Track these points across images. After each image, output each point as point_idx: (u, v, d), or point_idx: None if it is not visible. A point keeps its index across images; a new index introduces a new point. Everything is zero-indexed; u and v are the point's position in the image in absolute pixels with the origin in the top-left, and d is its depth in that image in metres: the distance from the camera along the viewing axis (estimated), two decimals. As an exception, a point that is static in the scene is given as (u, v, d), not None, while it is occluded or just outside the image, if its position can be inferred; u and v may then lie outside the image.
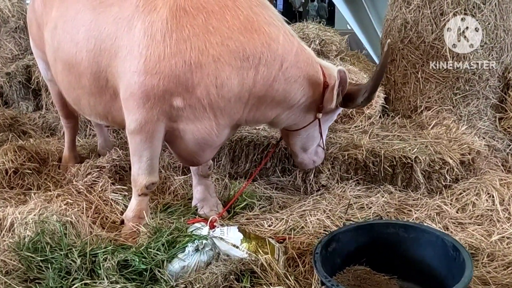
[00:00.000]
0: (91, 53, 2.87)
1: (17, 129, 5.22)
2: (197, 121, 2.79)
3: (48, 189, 3.86)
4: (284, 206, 3.57)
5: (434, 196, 3.55)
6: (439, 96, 4.38)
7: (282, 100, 2.89)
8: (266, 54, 2.70)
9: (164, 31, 2.60)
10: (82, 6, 2.99)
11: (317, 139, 3.32)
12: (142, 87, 2.66)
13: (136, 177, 3.01)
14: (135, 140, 2.87)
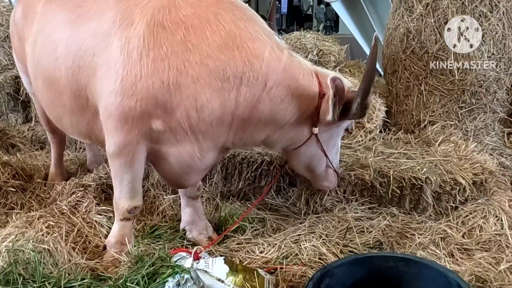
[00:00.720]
0: (69, 70, 2.70)
1: (5, 142, 5.05)
2: (179, 144, 2.60)
3: (31, 208, 3.73)
4: (278, 228, 3.36)
5: (439, 219, 3.33)
6: (444, 110, 4.16)
7: (270, 121, 2.66)
8: (248, 73, 2.48)
9: (140, 49, 2.42)
10: (60, 20, 2.83)
11: (322, 159, 2.98)
12: (119, 109, 2.48)
13: (118, 201, 2.82)
14: (114, 164, 2.69)
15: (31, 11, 3.18)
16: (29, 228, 3.26)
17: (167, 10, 2.47)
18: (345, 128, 2.98)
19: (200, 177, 3.02)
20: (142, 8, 2.51)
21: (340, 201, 3.44)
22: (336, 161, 3.10)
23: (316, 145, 2.86)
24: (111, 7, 2.61)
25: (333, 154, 3.01)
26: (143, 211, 3.61)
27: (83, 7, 2.75)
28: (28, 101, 5.33)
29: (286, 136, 2.79)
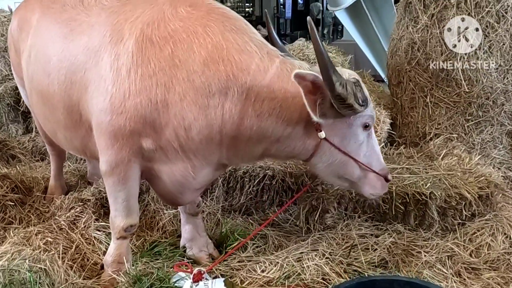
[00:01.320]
0: (62, 86, 2.65)
1: (5, 153, 5.01)
2: (171, 163, 2.54)
3: (30, 223, 3.67)
4: (280, 246, 3.28)
5: (446, 236, 3.25)
6: (450, 123, 4.07)
7: (261, 136, 2.47)
8: (233, 88, 2.36)
9: (129, 66, 2.36)
10: (54, 34, 2.78)
11: (349, 164, 2.57)
12: (109, 127, 2.43)
13: (114, 219, 2.77)
14: (108, 182, 2.64)
15: (26, 24, 3.13)
16: (27, 244, 3.22)
17: (156, 24, 2.41)
18: (363, 125, 2.52)
19: (196, 195, 2.94)
20: (131, 23, 2.45)
21: (342, 219, 3.35)
22: (376, 163, 2.64)
23: (332, 150, 2.51)
24: (102, 22, 2.56)
25: (364, 155, 2.58)
26: (142, 226, 3.55)
27: (76, 21, 2.70)
28: (29, 112, 5.27)
29: (287, 147, 2.54)
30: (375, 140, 2.64)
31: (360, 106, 2.33)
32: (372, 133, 2.61)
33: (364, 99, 2.37)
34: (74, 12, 2.75)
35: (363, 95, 2.37)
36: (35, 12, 3.09)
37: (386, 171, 2.70)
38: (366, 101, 2.39)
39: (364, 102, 2.35)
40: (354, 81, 2.37)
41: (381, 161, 2.68)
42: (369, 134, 2.58)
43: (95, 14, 2.63)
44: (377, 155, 2.65)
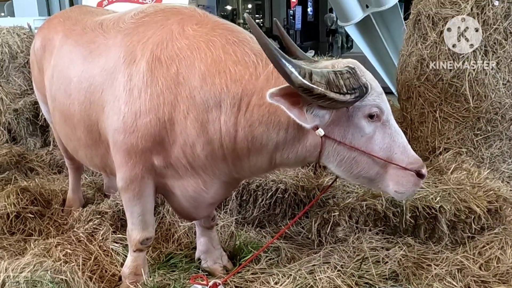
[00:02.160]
0: (82, 106, 2.76)
1: (24, 166, 5.15)
2: (182, 179, 2.61)
3: (49, 235, 3.78)
4: (292, 258, 3.35)
5: (456, 249, 3.30)
6: (459, 137, 4.13)
7: (259, 146, 2.38)
8: (225, 101, 2.34)
9: (140, 86, 2.45)
10: (75, 55, 2.89)
11: (362, 159, 2.29)
12: (123, 145, 2.53)
13: (130, 233, 2.88)
14: (124, 197, 2.75)
15: (49, 43, 3.25)
16: (47, 256, 3.32)
17: (165, 44, 2.47)
18: (367, 116, 2.23)
19: (210, 210, 3.00)
20: (143, 44, 2.53)
21: (353, 232, 3.41)
22: (400, 156, 2.28)
23: (337, 147, 2.28)
24: (118, 44, 2.64)
25: (380, 148, 2.26)
26: (158, 238, 3.63)
27: (95, 43, 2.79)
28: (47, 126, 5.43)
29: (290, 153, 2.38)
30: (396, 131, 2.30)
31: (342, 94, 2.06)
32: (390, 123, 2.28)
33: (356, 87, 2.11)
34: (93, 34, 2.85)
35: (353, 83, 2.12)
36: (58, 33, 3.20)
37: (417, 164, 2.29)
38: (357, 89, 2.12)
39: (352, 90, 2.09)
40: (339, 70, 2.14)
41: (409, 153, 2.30)
42: (384, 125, 2.26)
43: (112, 37, 2.72)
44: (401, 147, 2.28)
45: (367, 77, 2.21)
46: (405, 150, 2.30)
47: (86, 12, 3.34)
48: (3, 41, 5.47)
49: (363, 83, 2.15)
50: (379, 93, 2.24)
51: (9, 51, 5.50)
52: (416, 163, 2.30)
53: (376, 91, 2.23)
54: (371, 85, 2.20)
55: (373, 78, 2.29)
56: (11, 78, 5.62)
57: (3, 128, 5.51)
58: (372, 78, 2.26)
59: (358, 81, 2.14)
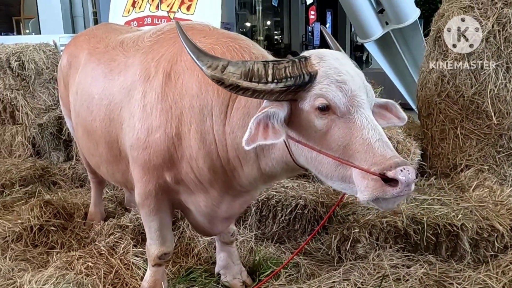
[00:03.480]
0: (103, 123, 2.81)
1: (47, 180, 5.26)
2: (194, 194, 2.61)
3: (71, 248, 3.83)
4: (312, 274, 3.34)
5: (479, 267, 3.25)
6: (481, 154, 4.09)
7: (243, 154, 2.30)
8: (216, 107, 2.32)
9: (152, 102, 2.47)
10: (97, 73, 2.95)
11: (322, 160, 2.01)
12: (137, 162, 2.56)
13: (149, 247, 2.90)
14: (141, 212, 2.79)
15: (75, 60, 3.34)
16: (69, 269, 3.37)
17: (175, 60, 2.50)
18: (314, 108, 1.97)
19: (226, 225, 2.99)
20: (157, 61, 2.57)
21: (373, 249, 3.39)
22: (364, 155, 1.88)
23: (298, 146, 2.08)
24: (136, 62, 2.69)
25: (339, 146, 1.95)
26: (178, 253, 3.65)
27: (115, 61, 2.85)
28: (70, 140, 5.53)
29: (273, 159, 2.25)
30: (362, 125, 1.93)
31: (262, 83, 1.93)
32: (355, 117, 1.95)
33: (291, 75, 1.95)
34: (114, 52, 2.92)
35: (291, 71, 1.96)
36: (84, 50, 3.28)
37: (381, 165, 1.83)
38: (293, 77, 1.95)
39: (281, 80, 1.94)
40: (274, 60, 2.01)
41: (376, 151, 1.87)
42: (343, 118, 1.95)
43: (131, 55, 2.77)
44: (365, 144, 1.90)
45: (324, 64, 1.99)
46: (371, 148, 1.89)
47: (111, 30, 3.42)
48: (30, 58, 5.62)
49: (307, 71, 1.96)
50: (338, 81, 1.95)
51: (35, 67, 5.65)
52: (381, 164, 1.83)
53: (331, 78, 1.95)
54: (325, 73, 1.96)
55: (340, 66, 2.01)
56: (36, 93, 5.76)
57: (28, 142, 5.65)
58: (334, 66, 1.99)
59: (300, 70, 1.96)
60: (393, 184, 1.81)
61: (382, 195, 1.84)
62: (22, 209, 4.23)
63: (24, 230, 3.92)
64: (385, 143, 1.91)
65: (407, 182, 1.80)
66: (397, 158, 1.85)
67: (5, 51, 5.63)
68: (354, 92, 1.96)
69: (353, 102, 1.95)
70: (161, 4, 5.45)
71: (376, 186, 1.84)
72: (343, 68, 2.01)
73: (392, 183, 1.81)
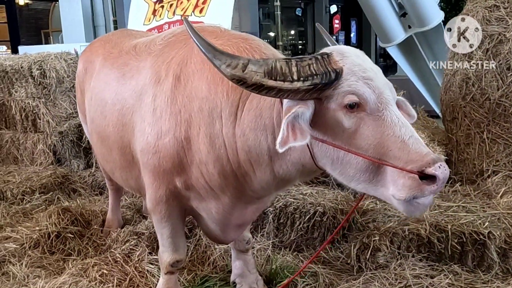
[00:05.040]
0: (115, 128, 2.77)
1: (67, 187, 5.28)
2: (205, 201, 2.53)
3: (87, 255, 3.81)
4: (330, 284, 3.22)
5: (508, 278, 3.08)
6: (509, 160, 3.90)
7: (256, 157, 2.21)
8: (225, 109, 2.23)
9: (162, 106, 2.41)
10: (110, 78, 2.92)
11: (350, 160, 1.92)
12: (147, 167, 2.50)
13: (161, 255, 2.83)
14: (153, 219, 2.73)
15: (91, 66, 3.32)
16: (84, 276, 3.34)
17: (185, 62, 2.44)
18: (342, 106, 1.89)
19: (239, 233, 2.90)
20: (167, 64, 2.52)
21: (395, 258, 3.25)
22: (398, 153, 1.82)
23: (323, 147, 1.99)
24: (148, 66, 2.64)
25: (370, 145, 1.88)
26: (194, 260, 3.59)
27: (128, 65, 2.81)
28: (90, 148, 5.54)
29: (287, 161, 2.16)
30: (393, 122, 1.87)
31: (288, 82, 1.84)
32: (385, 114, 1.89)
33: (317, 73, 1.86)
34: (127, 57, 2.88)
35: (316, 68, 1.88)
36: (99, 55, 3.27)
37: (419, 163, 1.77)
38: (319, 75, 1.86)
39: (307, 77, 1.85)
40: (297, 58, 1.92)
41: (411, 149, 1.82)
42: (372, 116, 1.89)
43: (143, 59, 2.73)
44: (399, 142, 1.84)
45: (347, 61, 1.92)
46: (405, 145, 1.83)
47: (126, 35, 3.40)
48: (51, 66, 5.68)
49: (332, 68, 1.88)
50: (364, 77, 1.89)
51: (56, 75, 5.70)
52: (418, 161, 1.77)
53: (358, 75, 1.89)
54: (350, 70, 1.89)
55: (363, 62, 1.95)
56: (57, 101, 5.81)
57: (49, 150, 5.69)
58: (357, 62, 1.93)
59: (324, 67, 1.88)
60: (429, 182, 1.76)
61: (420, 194, 1.79)
62: (40, 216, 4.25)
63: (41, 237, 3.92)
64: (417, 140, 1.86)
65: (444, 178, 1.77)
66: (432, 154, 1.81)
67: (27, 60, 5.70)
68: (380, 89, 1.91)
69: (381, 99, 1.89)
70: (176, 8, 5.46)
71: (413, 184, 1.78)
72: (366, 65, 1.95)
73: (428, 180, 1.76)
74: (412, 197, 1.80)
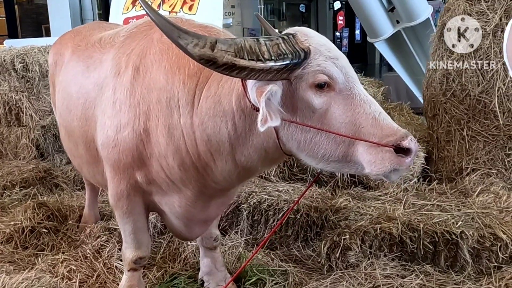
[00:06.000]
0: (80, 122, 2.71)
1: (49, 182, 5.21)
2: (167, 195, 2.47)
3: (60, 250, 3.75)
4: (300, 283, 3.15)
5: (480, 280, 3.00)
6: (488, 157, 3.81)
7: (216, 146, 2.15)
8: (182, 98, 2.17)
9: (122, 99, 2.36)
10: (75, 71, 2.86)
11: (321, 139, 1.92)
12: (108, 161, 2.45)
13: (124, 251, 2.78)
14: (116, 215, 2.67)
15: (60, 58, 3.26)
16: (52, 272, 3.30)
17: (144, 53, 2.39)
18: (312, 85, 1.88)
19: (204, 229, 2.83)
20: (127, 55, 2.46)
21: (366, 257, 3.17)
22: (371, 129, 1.86)
23: (290, 128, 1.96)
24: (109, 58, 2.59)
25: (341, 123, 1.89)
26: (165, 257, 3.54)
27: (92, 58, 2.76)
28: (72, 143, 5.51)
29: (249, 148, 2.11)
30: (362, 100, 1.90)
31: (260, 61, 1.77)
32: (354, 92, 1.90)
33: (286, 52, 1.82)
34: (92, 50, 2.83)
35: (284, 48, 1.83)
36: (68, 48, 3.20)
37: (394, 137, 1.83)
38: (289, 54, 1.82)
39: (278, 56, 1.80)
40: (265, 37, 1.86)
41: (383, 124, 1.86)
42: (342, 94, 1.89)
43: (106, 51, 2.68)
44: (370, 118, 1.87)
45: (312, 41, 1.89)
46: (376, 122, 1.87)
47: (96, 28, 3.34)
48: (34, 60, 5.61)
49: (300, 48, 1.85)
50: (330, 57, 1.88)
51: (40, 69, 5.64)
52: (392, 135, 1.83)
53: (325, 55, 1.88)
54: (317, 50, 1.87)
55: (326, 42, 1.94)
56: (41, 95, 5.75)
57: (32, 144, 5.64)
58: (322, 42, 1.92)
59: (293, 46, 1.84)
60: (403, 155, 1.83)
61: (398, 166, 1.84)
62: (16, 210, 4.20)
63: (15, 231, 3.86)
64: (387, 116, 1.91)
65: (416, 150, 1.85)
66: (402, 129, 1.88)
67: (10, 53, 5.65)
68: (346, 68, 1.93)
69: (348, 78, 1.91)
70: (163, 4, 5.38)
71: (391, 158, 1.83)
72: (330, 45, 1.95)
73: (402, 153, 1.82)
74: (390, 171, 1.85)
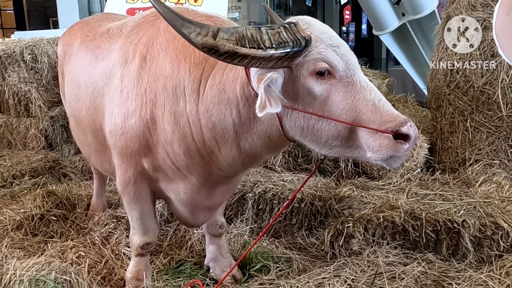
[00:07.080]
0: (88, 110, 2.77)
1: (57, 172, 5.30)
2: (173, 182, 2.53)
3: (69, 237, 3.83)
4: (304, 270, 3.21)
5: (481, 268, 3.04)
6: (491, 148, 3.84)
7: (221, 133, 2.21)
8: (188, 86, 2.23)
9: (129, 87, 2.42)
10: (84, 61, 2.92)
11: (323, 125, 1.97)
12: (116, 149, 2.51)
13: (132, 237, 2.85)
14: (123, 201, 2.74)
15: (69, 49, 3.32)
16: (62, 257, 3.37)
17: (151, 43, 2.44)
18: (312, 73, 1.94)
19: (209, 216, 2.88)
20: (135, 45, 2.52)
21: (369, 245, 3.23)
22: (371, 116, 1.90)
23: (292, 115, 2.01)
24: (117, 47, 2.65)
25: (342, 110, 1.93)
26: (172, 245, 3.61)
27: (100, 48, 2.81)
28: (80, 133, 5.58)
29: (253, 135, 2.16)
30: (363, 87, 1.93)
31: (261, 49, 1.81)
32: (353, 79, 1.94)
33: (287, 40, 1.86)
34: (100, 40, 2.88)
35: (286, 36, 1.87)
36: (77, 38, 3.26)
37: (393, 123, 1.88)
38: (290, 42, 1.86)
39: (279, 44, 1.84)
40: (266, 26, 1.89)
41: (383, 111, 1.91)
42: (342, 82, 1.93)
43: (114, 41, 2.73)
44: (370, 105, 1.91)
45: (314, 29, 1.94)
46: (376, 108, 1.91)
47: (104, 19, 3.39)
48: (43, 51, 5.69)
49: (301, 36, 1.89)
50: (331, 45, 1.92)
51: (48, 60, 5.71)
52: (392, 121, 1.87)
53: (326, 43, 1.92)
54: (318, 38, 1.92)
55: (327, 31, 1.98)
56: (49, 86, 5.83)
57: (40, 134, 5.72)
58: (323, 30, 1.96)
59: (294, 35, 1.88)
60: (402, 141, 1.87)
61: (396, 153, 1.89)
62: (26, 199, 4.29)
63: (25, 219, 3.94)
64: (387, 102, 1.95)
65: (415, 137, 1.89)
66: (402, 115, 1.92)
67: (19, 45, 5.72)
68: (347, 56, 1.96)
69: (349, 66, 1.95)
70: (169, -4, 5.42)
71: (390, 144, 1.88)
72: (332, 33, 2.00)
73: (401, 139, 1.87)
74: (389, 156, 1.90)
